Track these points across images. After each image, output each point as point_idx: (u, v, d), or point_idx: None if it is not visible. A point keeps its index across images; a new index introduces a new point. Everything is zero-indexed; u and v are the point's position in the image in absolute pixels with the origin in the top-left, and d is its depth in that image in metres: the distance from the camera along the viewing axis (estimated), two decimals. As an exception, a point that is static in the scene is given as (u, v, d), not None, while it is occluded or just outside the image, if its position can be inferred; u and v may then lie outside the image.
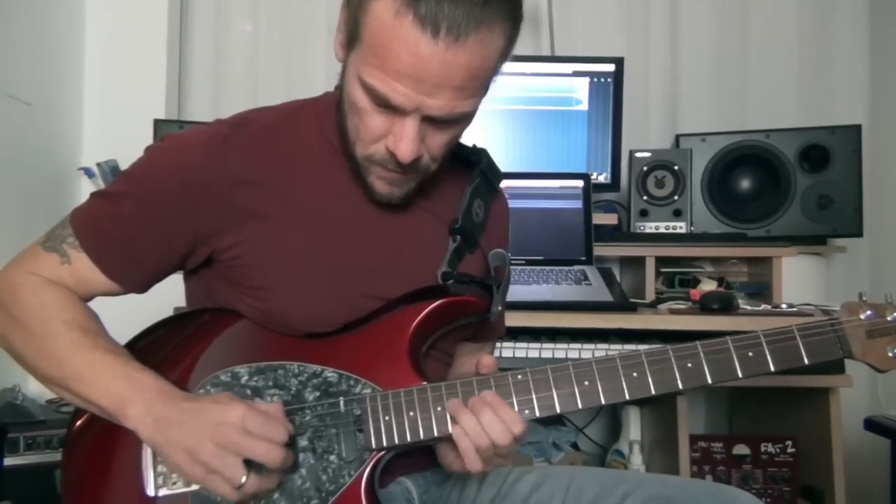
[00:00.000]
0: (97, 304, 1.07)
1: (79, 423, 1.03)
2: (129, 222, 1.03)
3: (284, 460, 0.93)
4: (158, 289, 1.11)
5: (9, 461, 1.78)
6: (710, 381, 0.99)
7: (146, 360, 1.01)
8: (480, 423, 0.95)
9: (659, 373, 0.99)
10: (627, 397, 0.99)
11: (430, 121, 0.95)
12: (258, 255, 1.04)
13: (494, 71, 0.96)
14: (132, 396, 0.94)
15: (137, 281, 1.07)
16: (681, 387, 0.99)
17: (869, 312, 1.02)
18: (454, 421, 0.97)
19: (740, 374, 0.99)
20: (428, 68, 0.89)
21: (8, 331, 1.02)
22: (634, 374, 0.99)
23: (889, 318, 1.02)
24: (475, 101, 0.96)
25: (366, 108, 0.96)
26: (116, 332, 1.04)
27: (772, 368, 0.99)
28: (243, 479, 0.89)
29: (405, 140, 0.95)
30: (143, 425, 0.94)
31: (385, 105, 0.94)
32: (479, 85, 0.95)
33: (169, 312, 1.14)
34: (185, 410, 0.93)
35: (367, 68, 0.93)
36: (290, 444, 0.95)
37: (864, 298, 1.04)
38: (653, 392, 0.98)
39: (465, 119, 0.99)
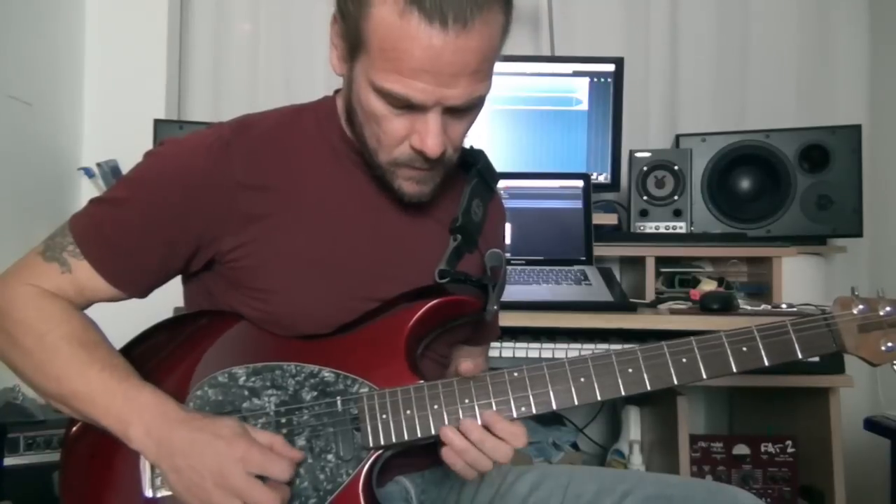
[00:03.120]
0: (97, 306, 1.07)
1: (76, 426, 1.03)
2: (131, 228, 1.03)
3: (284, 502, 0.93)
4: (158, 290, 1.11)
5: (9, 461, 1.78)
6: (704, 375, 1.00)
7: (145, 362, 1.02)
8: (482, 451, 0.95)
9: (654, 368, 0.99)
10: (623, 393, 0.99)
11: (450, 111, 0.96)
12: (261, 256, 1.05)
13: (500, 49, 0.98)
14: (131, 418, 0.94)
15: (140, 286, 1.06)
16: (676, 382, 0.99)
17: (861, 307, 1.03)
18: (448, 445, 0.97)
19: (734, 369, 1.00)
20: (443, 59, 0.90)
21: (6, 345, 1.01)
22: (630, 370, 0.99)
23: (881, 313, 1.02)
24: (488, 82, 0.98)
25: (384, 114, 0.97)
26: (116, 334, 1.04)
27: (766, 363, 1.00)
28: None
29: (431, 135, 0.96)
30: (147, 449, 0.95)
31: (405, 106, 0.95)
32: (490, 66, 0.97)
33: (169, 313, 1.14)
34: (187, 441, 0.93)
35: (380, 73, 0.93)
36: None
37: (857, 293, 1.05)
38: (648, 387, 0.99)
39: (481, 103, 1.00)
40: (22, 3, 2.12)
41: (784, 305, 1.95)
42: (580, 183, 2.18)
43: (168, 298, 1.22)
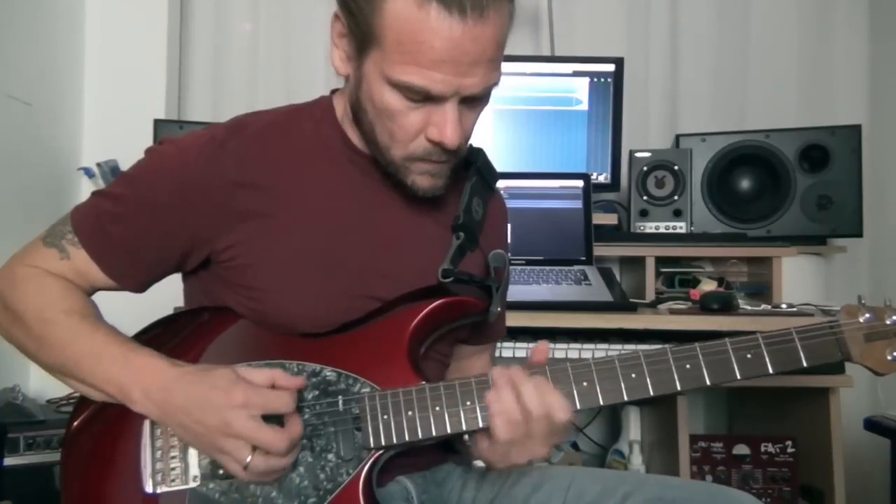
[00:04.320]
0: (102, 306, 1.08)
1: (77, 421, 1.03)
2: (128, 223, 1.04)
3: (291, 442, 0.94)
4: (159, 288, 1.11)
5: (9, 461, 1.78)
6: (708, 382, 0.99)
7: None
8: (519, 391, 0.95)
9: (657, 374, 0.99)
10: (626, 398, 0.98)
11: (464, 101, 0.97)
12: (255, 256, 1.05)
13: (508, 36, 0.98)
14: (131, 382, 0.96)
15: (136, 280, 1.08)
16: (679, 388, 0.99)
17: (868, 315, 1.01)
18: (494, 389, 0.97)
19: (739, 376, 0.99)
20: (462, 49, 0.91)
21: (9, 323, 1.04)
22: (633, 375, 0.99)
23: (888, 322, 1.01)
24: (500, 71, 0.99)
25: (399, 109, 0.97)
26: (117, 331, 1.05)
27: (770, 370, 0.99)
28: (248, 459, 0.91)
29: (450, 125, 0.96)
30: (149, 411, 0.96)
31: (423, 98, 0.95)
32: (501, 53, 0.97)
33: (169, 311, 1.14)
34: (185, 398, 0.94)
35: (397, 67, 0.93)
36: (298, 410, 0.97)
37: (863, 301, 1.03)
38: (651, 393, 0.98)
39: (491, 93, 1.01)
40: (22, 3, 2.12)
41: (784, 305, 1.95)
42: (580, 183, 2.18)
43: (170, 296, 1.22)
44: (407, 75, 0.93)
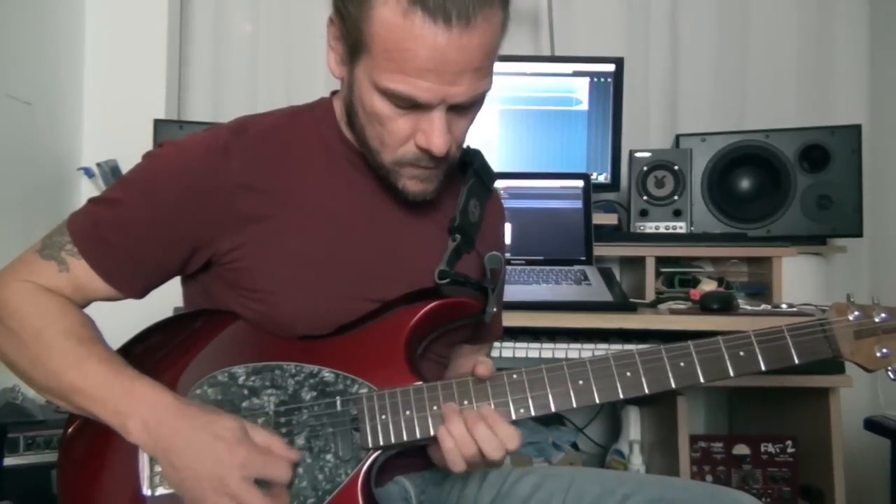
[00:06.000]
0: (96, 305, 1.07)
1: (75, 424, 1.03)
2: (129, 228, 1.03)
3: None
4: (158, 290, 1.11)
5: (9, 461, 1.77)
6: (702, 380, 1.00)
7: (144, 361, 1.01)
8: (473, 437, 0.95)
9: (652, 372, 1.00)
10: (621, 396, 0.99)
11: (453, 109, 0.97)
12: (258, 258, 1.05)
13: (500, 45, 0.98)
14: (129, 411, 0.94)
15: (138, 287, 1.07)
16: (673, 385, 1.00)
17: (857, 313, 1.03)
18: (444, 423, 0.97)
19: (732, 374, 1.00)
20: (447, 58, 0.91)
21: (2, 340, 1.01)
22: (628, 374, 1.00)
23: (876, 319, 1.03)
24: (490, 78, 0.98)
25: (388, 115, 0.97)
26: (115, 334, 1.04)
27: (762, 368, 1.00)
28: None
29: (437, 133, 0.96)
30: (144, 444, 0.95)
31: (410, 106, 0.95)
32: (492, 61, 0.97)
33: (168, 313, 1.14)
34: (185, 441, 0.92)
35: (384, 74, 0.93)
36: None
37: (852, 300, 1.06)
38: (646, 391, 0.99)
39: (483, 100, 1.01)
40: (22, 3, 2.12)
41: (784, 305, 1.95)
42: (580, 183, 2.18)
43: (168, 298, 1.22)
44: (393, 83, 0.93)
